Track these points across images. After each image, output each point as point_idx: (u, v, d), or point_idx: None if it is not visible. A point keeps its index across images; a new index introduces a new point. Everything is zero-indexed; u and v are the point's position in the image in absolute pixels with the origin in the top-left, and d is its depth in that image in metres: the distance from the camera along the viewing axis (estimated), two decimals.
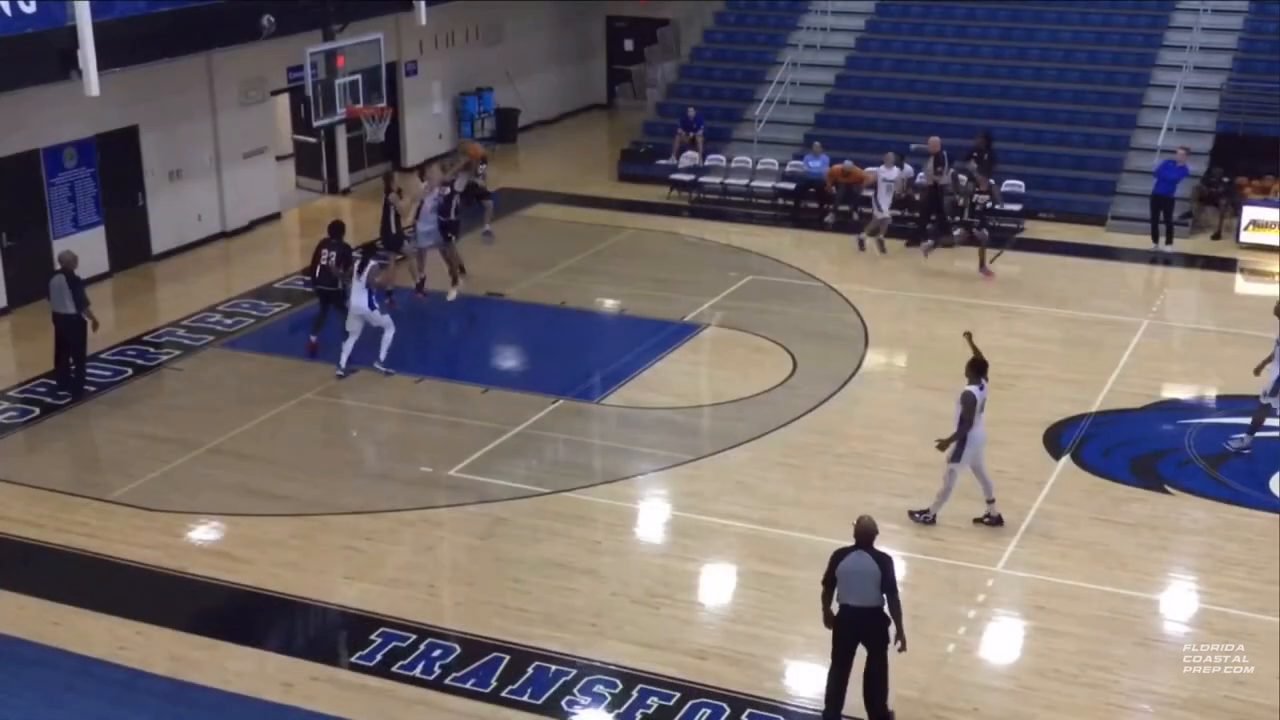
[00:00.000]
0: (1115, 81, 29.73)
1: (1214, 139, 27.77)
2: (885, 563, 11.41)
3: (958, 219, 24.27)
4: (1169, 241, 25.45)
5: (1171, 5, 30.80)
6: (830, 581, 11.53)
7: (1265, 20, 29.79)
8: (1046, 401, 18.35)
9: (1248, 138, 27.37)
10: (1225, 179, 26.86)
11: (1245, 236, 25.65)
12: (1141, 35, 30.51)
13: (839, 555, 11.50)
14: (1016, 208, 27.07)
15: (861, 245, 24.84)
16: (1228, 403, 18.56)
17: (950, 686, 12.36)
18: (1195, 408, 18.68)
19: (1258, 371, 17.50)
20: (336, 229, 20.01)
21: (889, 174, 25.02)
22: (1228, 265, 24.80)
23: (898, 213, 25.22)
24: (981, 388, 15.07)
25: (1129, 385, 18.91)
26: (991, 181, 24.95)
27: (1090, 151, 28.37)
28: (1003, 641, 13.31)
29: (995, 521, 15.25)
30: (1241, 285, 24.09)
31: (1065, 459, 16.90)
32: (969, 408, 14.87)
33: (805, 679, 12.50)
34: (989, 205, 24.95)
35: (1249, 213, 25.76)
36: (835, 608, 11.55)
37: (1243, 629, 13.27)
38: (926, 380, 19.13)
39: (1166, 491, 16.21)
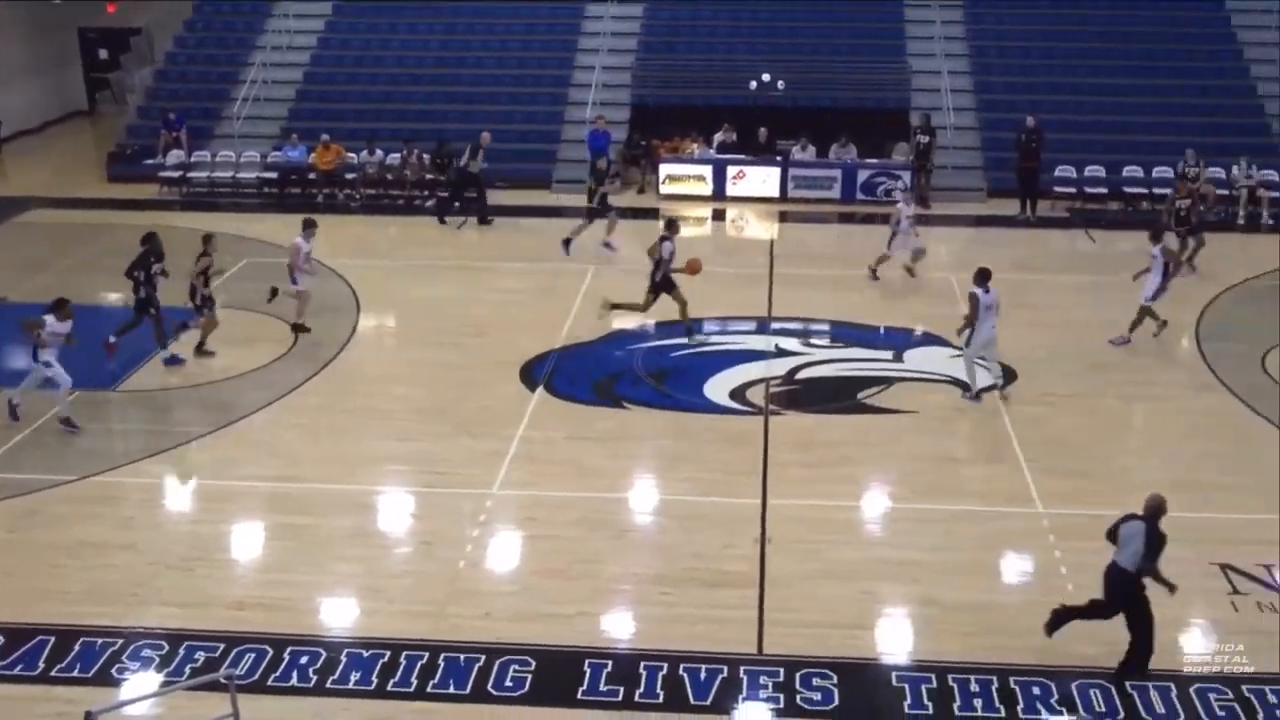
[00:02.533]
0: (545, 66, 30.76)
1: (630, 110, 29.29)
2: (1152, 538, 11.08)
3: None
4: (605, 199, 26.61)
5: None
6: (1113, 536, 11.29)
7: (660, 8, 31.62)
8: (520, 343, 18.83)
9: (658, 107, 29.04)
10: (643, 143, 28.39)
11: (665, 189, 27.28)
12: (563, 25, 31.68)
13: (1124, 519, 11.24)
14: None
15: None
16: (664, 328, 19.72)
17: (465, 597, 12.59)
18: (639, 335, 19.69)
19: (1135, 278, 19.01)
20: None
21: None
22: (652, 214, 26.22)
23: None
24: (987, 291, 16.61)
25: (584, 323, 19.70)
26: None
27: (531, 127, 29.27)
28: (504, 552, 13.63)
29: (975, 399, 16.82)
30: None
31: (540, 390, 17.43)
32: (974, 306, 16.57)
33: (338, 613, 12.41)
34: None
35: (665, 169, 27.39)
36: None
37: (696, 512, 14.19)
38: (414, 336, 19.26)
39: (624, 407, 17.06)
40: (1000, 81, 29.51)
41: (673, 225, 19.43)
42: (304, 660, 11.52)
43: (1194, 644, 11.95)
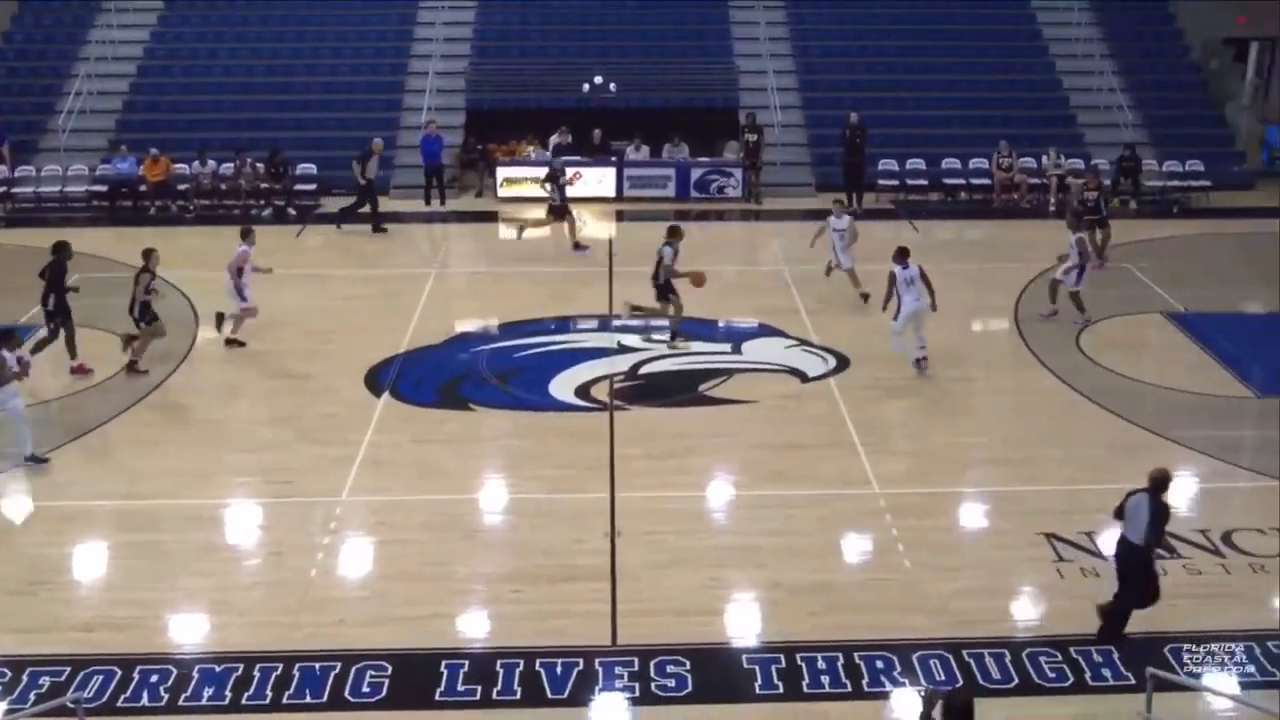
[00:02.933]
0: (379, 71, 30.38)
1: (465, 114, 29.09)
2: (1157, 511, 11.28)
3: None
4: (442, 202, 26.45)
5: (416, 2, 31.79)
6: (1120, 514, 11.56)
7: (492, 13, 31.48)
8: (363, 349, 18.57)
9: (492, 111, 28.90)
10: (479, 146, 28.23)
11: (502, 192, 27.16)
12: (395, 31, 31.31)
13: (1129, 495, 11.49)
14: (312, 187, 27.11)
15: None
16: (509, 329, 19.65)
17: (318, 605, 12.36)
18: (483, 337, 19.58)
19: (1061, 260, 19.57)
20: None
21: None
22: (490, 217, 26.15)
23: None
24: (905, 267, 17.43)
25: (428, 326, 19.53)
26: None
27: (368, 133, 28.76)
28: (356, 558, 13.40)
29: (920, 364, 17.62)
30: (504, 232, 25.47)
31: (385, 395, 17.22)
32: (891, 282, 17.57)
33: (188, 629, 12.08)
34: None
35: (502, 172, 27.28)
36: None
37: (546, 509, 14.18)
38: (257, 346, 18.81)
39: (470, 409, 16.95)
40: (824, 80, 30.12)
41: (675, 232, 19.28)
42: (154, 679, 11.18)
43: (1024, 611, 12.39)
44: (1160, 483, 11.40)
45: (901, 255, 17.71)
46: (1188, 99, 30.33)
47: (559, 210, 23.69)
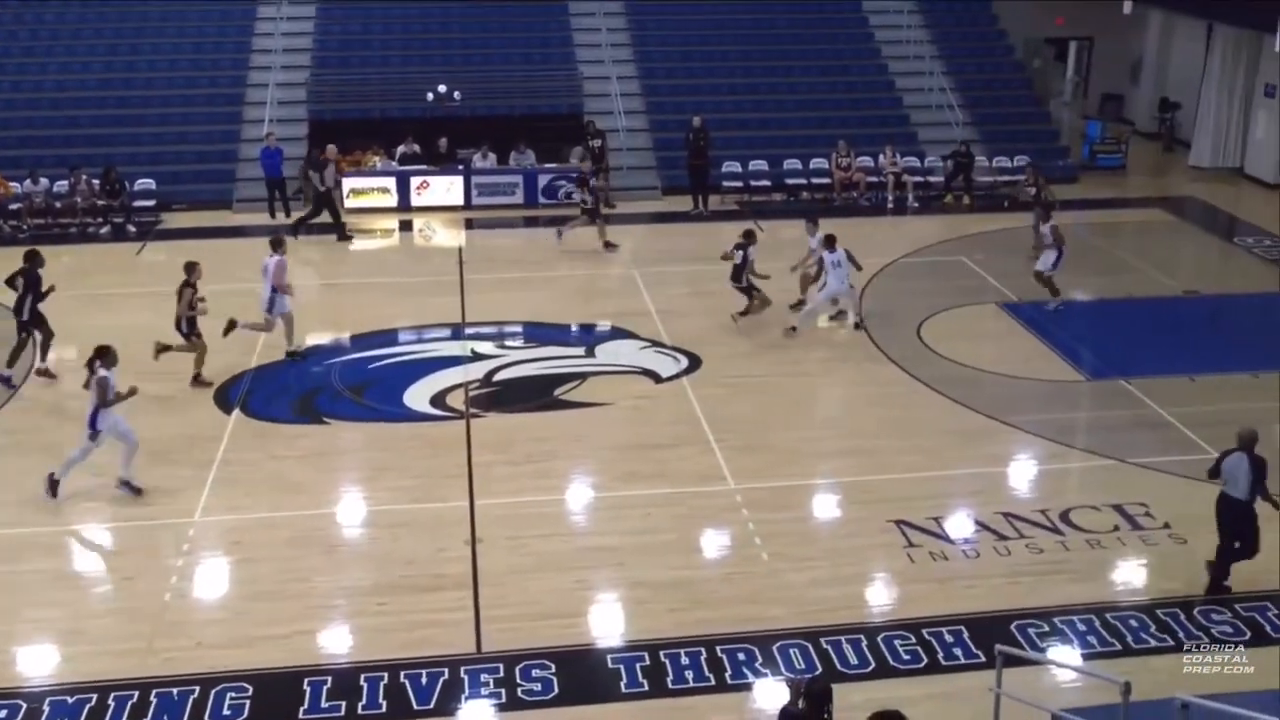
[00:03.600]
0: (218, 84, 29.63)
1: (308, 124, 28.58)
2: (1256, 466, 12.02)
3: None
4: (287, 215, 25.92)
5: (254, 13, 31.13)
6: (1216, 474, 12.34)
7: (331, 23, 31.00)
8: (212, 366, 18.06)
9: (336, 121, 28.43)
10: (323, 158, 27.71)
11: (350, 203, 26.70)
12: (233, 43, 30.59)
13: (1222, 456, 12.29)
14: (151, 203, 26.37)
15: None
16: (360, 341, 19.39)
17: (173, 629, 12.04)
18: (335, 350, 19.25)
19: (1038, 250, 20.68)
20: None
21: None
22: (337, 229, 25.68)
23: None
24: (833, 251, 18.96)
25: (278, 340, 19.08)
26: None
27: (209, 146, 28.16)
28: (212, 579, 13.08)
29: (853, 324, 19.33)
30: (354, 244, 25.07)
31: (236, 412, 16.85)
32: (820, 264, 19.26)
33: (38, 661, 11.65)
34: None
35: (348, 183, 26.82)
36: None
37: (406, 520, 14.03)
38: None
39: (325, 422, 16.68)
40: (666, 84, 30.36)
41: (750, 235, 19.57)
42: (3, 715, 10.75)
43: (878, 596, 12.68)
44: (1252, 439, 12.20)
45: (830, 242, 19.12)
46: (1014, 97, 31.35)
47: (591, 213, 23.91)
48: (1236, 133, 29.92)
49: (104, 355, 14.54)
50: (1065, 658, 11.62)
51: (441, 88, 28.52)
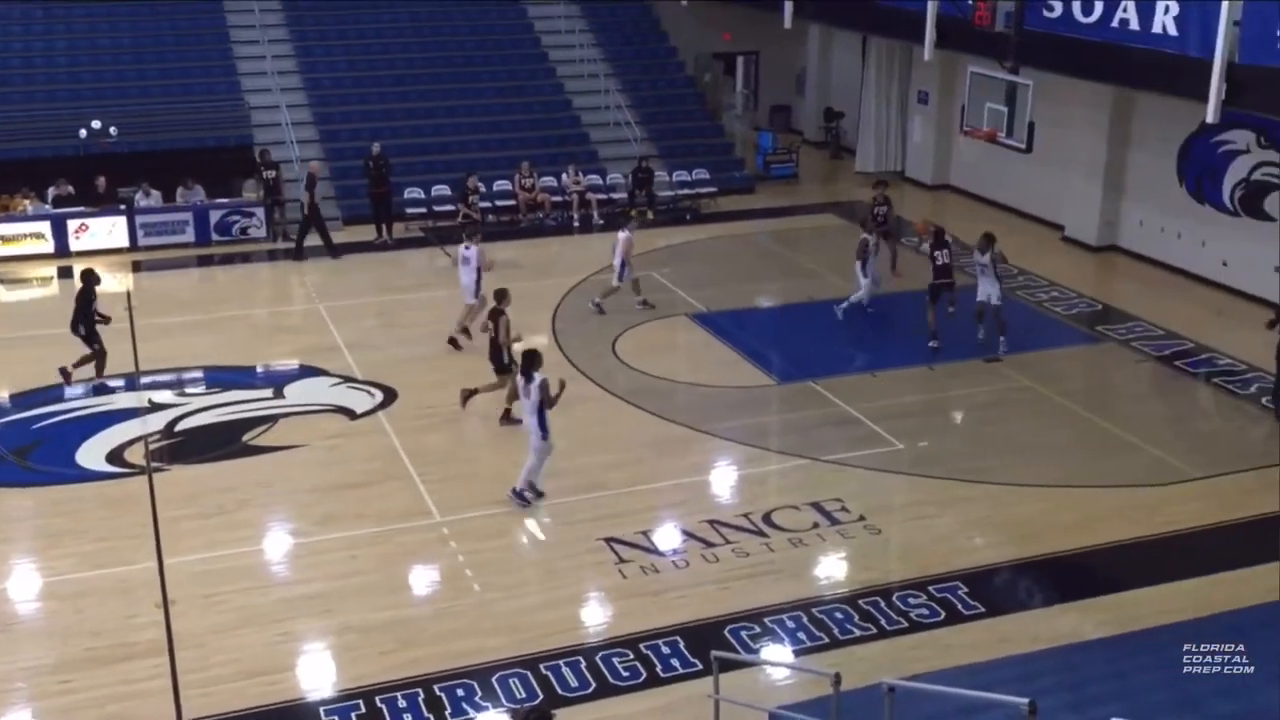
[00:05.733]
0: None
1: None
2: None
3: None
4: None
5: None
6: None
7: None
8: None
9: None
10: None
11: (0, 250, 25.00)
12: None
13: None
14: None
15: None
16: (21, 399, 18.19)
17: None
18: None
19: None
20: None
21: None
22: None
23: None
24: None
25: None
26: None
27: None
28: None
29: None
30: (4, 293, 23.52)
31: None
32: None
33: None
34: None
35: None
36: None
37: (88, 588, 13.23)
38: None
39: None
40: (339, 111, 29.84)
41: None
42: None
43: (593, 616, 12.83)
44: None
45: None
46: (688, 112, 32.43)
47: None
48: (896, 138, 31.92)
49: (531, 359, 14.82)
50: (777, 656, 12.09)
51: (95, 123, 27.13)
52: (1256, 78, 16.10)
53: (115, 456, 16.36)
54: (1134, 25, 18.05)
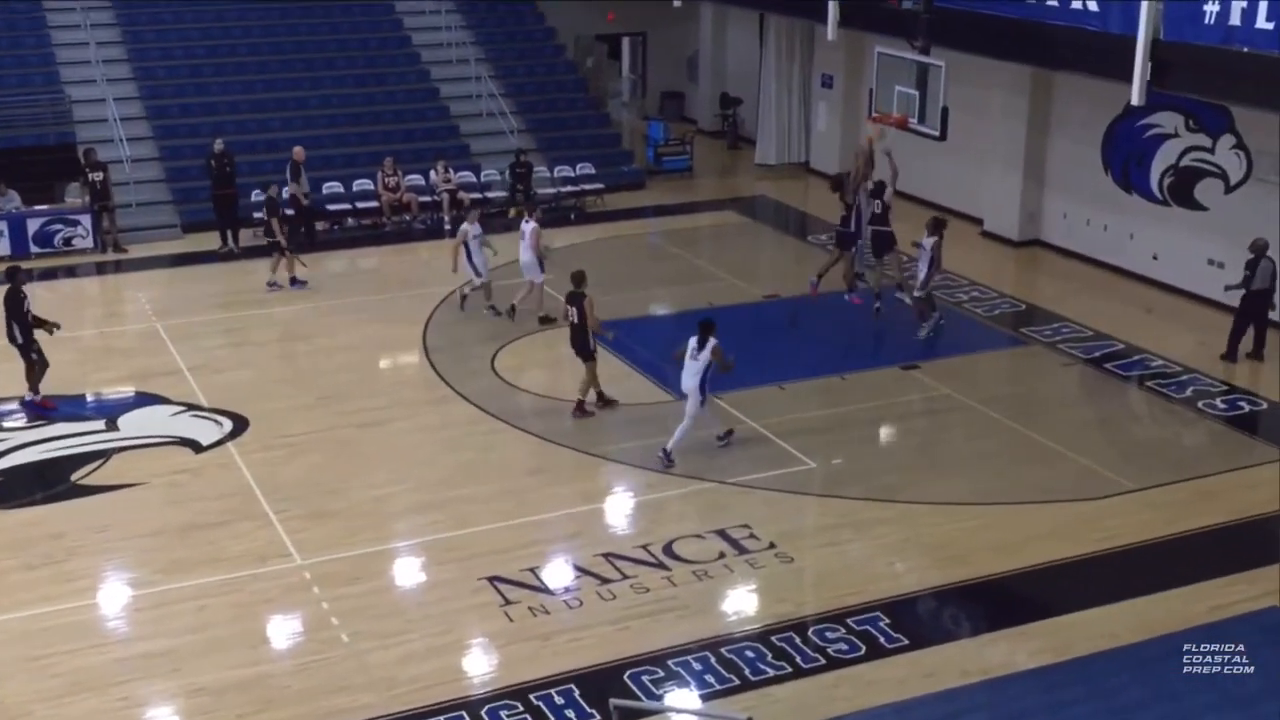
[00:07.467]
0: None
1: None
2: None
3: None
4: None
5: None
6: None
7: None
8: None
9: None
10: None
11: None
12: None
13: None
14: None
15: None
16: None
17: None
18: None
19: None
20: None
21: None
22: None
23: None
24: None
25: None
26: None
27: None
28: None
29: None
30: None
31: None
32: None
33: None
34: None
35: None
36: None
37: None
38: None
39: None
40: (175, 104, 29.41)
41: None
42: None
43: (477, 665, 12.78)
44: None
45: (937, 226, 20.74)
46: (570, 100, 32.52)
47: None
48: (799, 127, 32.34)
49: (708, 326, 16.45)
50: (683, 702, 12.13)
51: None
52: (1183, 56, 16.62)
53: None
54: (1052, 1, 18.53)
